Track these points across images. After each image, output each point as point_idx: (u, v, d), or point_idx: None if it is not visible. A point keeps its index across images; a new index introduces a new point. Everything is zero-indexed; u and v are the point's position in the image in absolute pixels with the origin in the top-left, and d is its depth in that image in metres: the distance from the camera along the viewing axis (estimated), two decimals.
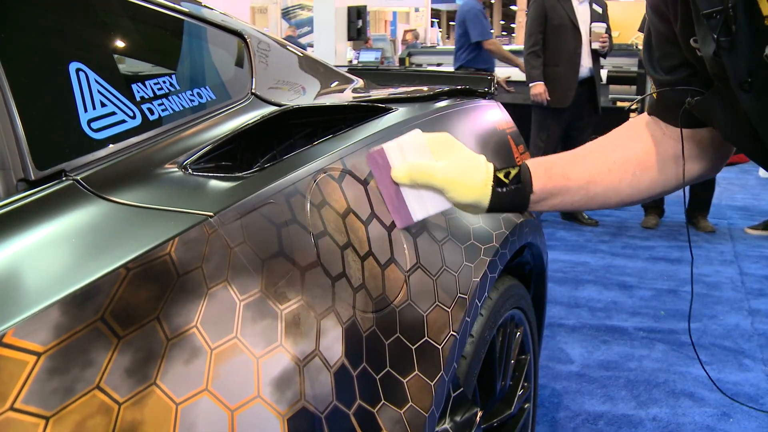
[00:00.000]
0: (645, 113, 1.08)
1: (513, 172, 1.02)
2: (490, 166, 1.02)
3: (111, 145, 0.90)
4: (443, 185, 0.99)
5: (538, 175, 1.02)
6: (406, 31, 15.49)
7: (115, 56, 1.03)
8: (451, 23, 39.88)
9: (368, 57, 10.31)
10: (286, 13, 17.98)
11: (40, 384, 0.57)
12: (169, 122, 1.03)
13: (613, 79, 6.05)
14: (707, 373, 1.55)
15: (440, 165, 0.99)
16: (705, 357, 2.90)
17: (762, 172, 6.02)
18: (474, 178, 0.99)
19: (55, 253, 0.69)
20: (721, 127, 0.93)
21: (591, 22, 4.86)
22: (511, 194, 1.01)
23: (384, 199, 1.05)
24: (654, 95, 1.03)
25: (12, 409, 0.55)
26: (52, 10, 0.94)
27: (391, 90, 1.72)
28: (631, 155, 1.04)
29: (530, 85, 4.83)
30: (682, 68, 0.96)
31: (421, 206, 1.03)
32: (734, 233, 4.97)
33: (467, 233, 1.27)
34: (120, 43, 1.06)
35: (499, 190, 1.01)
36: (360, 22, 10.32)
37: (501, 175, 1.01)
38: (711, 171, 1.07)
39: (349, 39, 10.65)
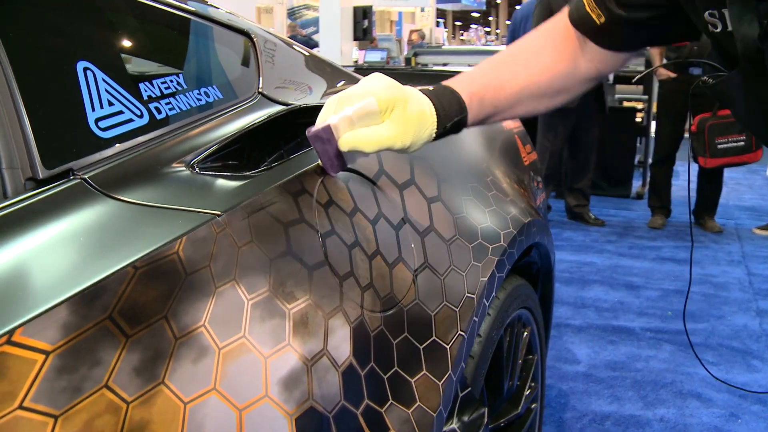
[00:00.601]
0: (563, 19, 1.08)
1: (458, 120, 1.00)
2: (435, 118, 0.97)
3: (118, 144, 0.90)
4: (392, 146, 0.95)
5: (472, 108, 1.01)
6: (411, 31, 15.48)
7: (123, 55, 1.03)
8: (456, 23, 39.88)
9: (374, 57, 10.29)
10: (292, 13, 17.99)
11: (48, 383, 0.57)
12: (176, 121, 1.03)
13: (619, 79, 6.04)
14: (707, 370, 1.53)
15: (390, 130, 0.93)
16: (712, 358, 2.89)
17: None
18: (424, 133, 0.96)
19: (63, 252, 0.69)
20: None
21: None
22: (451, 131, 1.01)
23: (323, 163, 0.99)
24: (597, 18, 1.01)
25: (21, 407, 0.55)
26: (59, 10, 0.94)
27: None
28: (552, 81, 1.07)
29: None
30: (647, 8, 0.97)
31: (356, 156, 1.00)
32: (742, 233, 4.95)
33: (475, 233, 1.27)
34: (127, 42, 1.06)
35: (442, 131, 0.99)
36: (366, 22, 10.33)
37: (449, 126, 1.00)
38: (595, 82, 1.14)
39: (355, 39, 10.65)
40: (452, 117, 0.99)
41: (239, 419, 0.71)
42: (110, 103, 0.91)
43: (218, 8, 1.34)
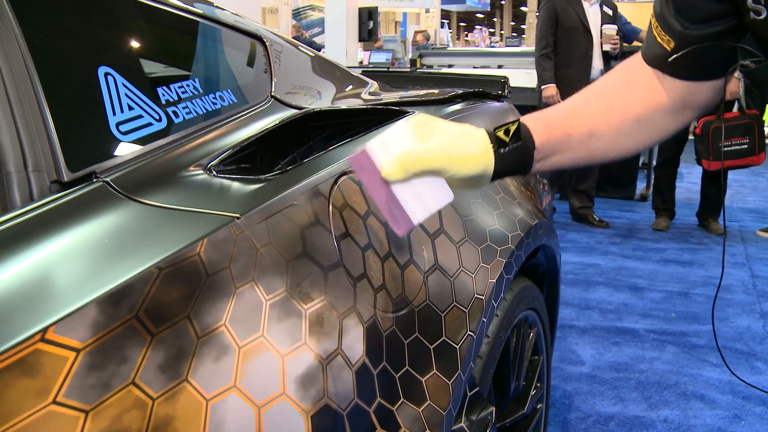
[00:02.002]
0: (638, 57, 1.03)
1: (512, 128, 0.93)
2: (482, 131, 0.93)
3: (138, 147, 0.92)
4: (442, 165, 0.88)
5: (538, 130, 0.95)
6: (416, 32, 15.50)
7: (142, 60, 1.05)
8: (461, 24, 39.87)
9: (379, 58, 10.31)
10: (297, 14, 18.03)
11: (79, 379, 0.60)
12: (193, 125, 1.05)
13: None
14: (726, 365, 1.55)
15: (431, 145, 0.88)
16: (716, 359, 2.90)
17: None
18: (473, 145, 0.90)
19: (90, 253, 0.71)
20: None
21: (602, 24, 4.87)
22: (514, 154, 0.93)
23: (378, 206, 0.92)
24: (667, 45, 0.95)
25: (54, 402, 0.57)
26: (81, 18, 0.96)
27: (406, 93, 1.74)
28: (630, 107, 0.99)
29: (542, 87, 4.85)
30: (713, 22, 0.90)
31: (420, 205, 0.91)
32: (745, 236, 4.96)
33: (484, 235, 1.29)
34: (146, 48, 1.09)
35: (502, 151, 0.92)
36: (371, 23, 10.34)
37: (501, 134, 0.92)
38: (690, 121, 1.06)
39: (360, 40, 10.67)
40: (507, 127, 0.93)
41: (258, 416, 0.74)
42: (130, 108, 0.94)
43: (234, 13, 1.37)
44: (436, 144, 0.88)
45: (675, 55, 0.94)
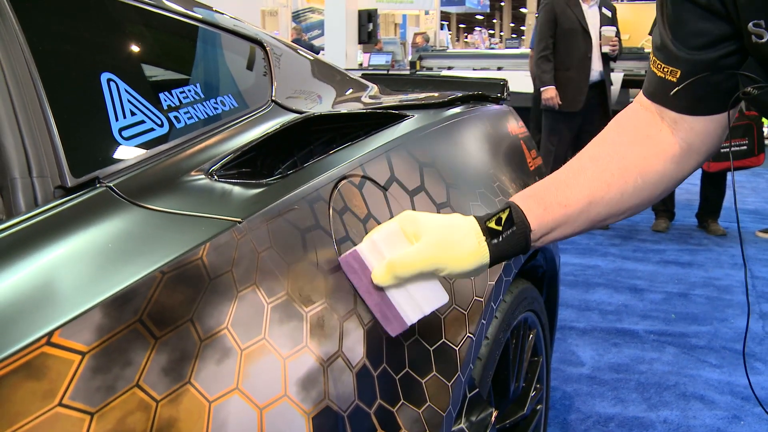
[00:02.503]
0: (632, 106, 1.00)
1: (503, 215, 0.91)
2: (472, 221, 0.91)
3: (141, 153, 0.94)
4: (435, 266, 0.89)
5: (531, 209, 0.92)
6: (416, 34, 15.52)
7: (143, 66, 1.06)
8: (461, 26, 39.90)
9: (379, 60, 10.34)
10: (297, 17, 18.06)
11: (85, 382, 0.61)
12: (194, 130, 1.06)
13: (628, 82, 6.07)
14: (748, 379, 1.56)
15: (420, 247, 0.88)
16: (716, 360, 2.91)
17: None
18: (465, 243, 0.89)
19: (94, 258, 0.72)
20: None
21: (601, 25, 4.88)
22: (510, 240, 0.91)
23: (369, 306, 0.93)
24: (672, 76, 0.92)
25: (60, 404, 0.58)
26: (84, 24, 0.97)
27: (406, 96, 1.75)
28: (630, 163, 0.95)
29: (541, 89, 4.86)
30: (716, 46, 0.88)
31: (413, 307, 0.92)
32: (745, 236, 4.98)
33: None
34: (147, 54, 1.10)
35: (496, 241, 0.90)
36: (371, 26, 10.37)
37: (492, 224, 0.91)
38: (695, 169, 1.01)
39: (360, 42, 10.70)
40: (497, 216, 0.92)
41: (260, 418, 0.75)
42: (132, 113, 0.95)
43: (226, 15, 1.38)
44: (426, 245, 0.88)
45: (682, 84, 0.91)
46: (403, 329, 0.93)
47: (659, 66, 0.93)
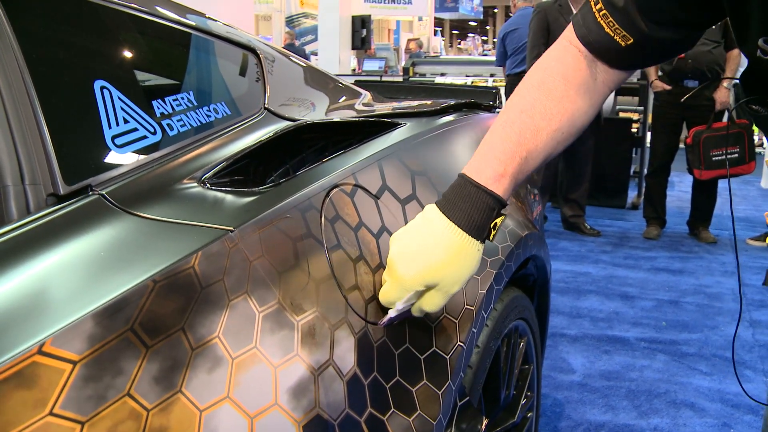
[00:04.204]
0: (564, 47, 1.01)
1: (499, 221, 0.97)
2: (473, 246, 0.94)
3: (133, 160, 0.94)
4: (412, 289, 0.94)
5: (505, 188, 0.96)
6: (409, 40, 15.58)
7: (137, 73, 1.06)
8: (454, 32, 40.01)
9: (372, 66, 10.36)
10: (290, 22, 18.07)
11: (76, 391, 0.61)
12: (187, 137, 1.06)
13: (619, 90, 6.10)
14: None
15: (388, 281, 0.95)
16: (706, 368, 2.93)
17: (764, 182, 6.04)
18: (472, 263, 0.95)
19: (86, 266, 0.73)
20: None
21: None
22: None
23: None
24: (622, 40, 0.94)
25: (51, 414, 0.59)
26: (77, 32, 0.97)
27: (399, 104, 1.76)
28: (574, 121, 1.00)
29: None
30: (680, 28, 0.93)
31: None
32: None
33: None
34: (141, 61, 1.10)
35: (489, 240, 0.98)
36: (364, 31, 10.39)
37: (492, 235, 0.97)
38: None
39: (353, 48, 10.72)
40: (490, 220, 0.95)
41: (250, 426, 0.75)
42: (126, 121, 0.95)
43: (219, 22, 1.38)
44: (446, 288, 0.94)
45: (629, 51, 0.95)
46: (389, 322, 0.99)
47: (611, 24, 0.94)
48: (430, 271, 0.92)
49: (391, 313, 0.96)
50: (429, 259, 0.92)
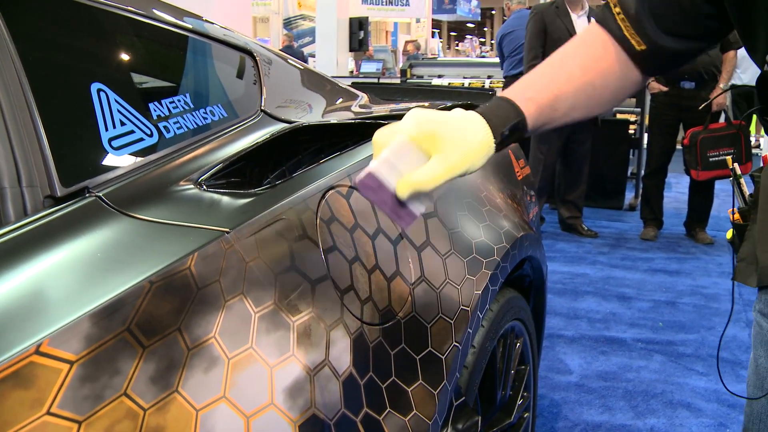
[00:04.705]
0: (594, 34, 1.02)
1: (515, 123, 0.94)
2: (487, 133, 0.91)
3: (130, 162, 0.94)
4: (454, 176, 0.90)
5: (530, 112, 0.95)
6: (407, 42, 15.59)
7: (133, 76, 1.07)
8: (452, 33, 40.04)
9: (369, 68, 10.38)
10: (288, 23, 18.08)
11: (73, 390, 0.61)
12: (183, 139, 1.07)
13: None
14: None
15: (440, 163, 0.88)
16: (702, 368, 2.93)
17: None
18: (480, 157, 0.91)
19: (83, 268, 0.73)
20: None
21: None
22: (511, 138, 0.95)
23: (386, 212, 0.92)
24: (637, 44, 0.97)
25: (48, 413, 0.59)
26: (74, 35, 0.98)
27: (395, 106, 1.77)
28: (607, 79, 1.01)
29: None
30: (691, 40, 0.96)
31: (421, 201, 0.92)
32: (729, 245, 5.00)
33: (469, 247, 1.31)
34: (137, 64, 1.11)
35: (502, 139, 0.94)
36: (362, 33, 10.40)
37: (506, 132, 0.94)
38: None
39: (351, 50, 10.73)
40: (509, 121, 0.93)
41: (247, 426, 0.76)
42: (122, 123, 0.96)
43: (216, 25, 1.39)
44: (445, 161, 0.89)
45: (644, 56, 0.98)
46: (414, 220, 0.92)
47: (627, 28, 0.97)
48: (474, 157, 0.90)
49: (372, 168, 0.87)
50: (452, 118, 0.90)
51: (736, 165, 1.18)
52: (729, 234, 1.16)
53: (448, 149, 0.89)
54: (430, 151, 0.89)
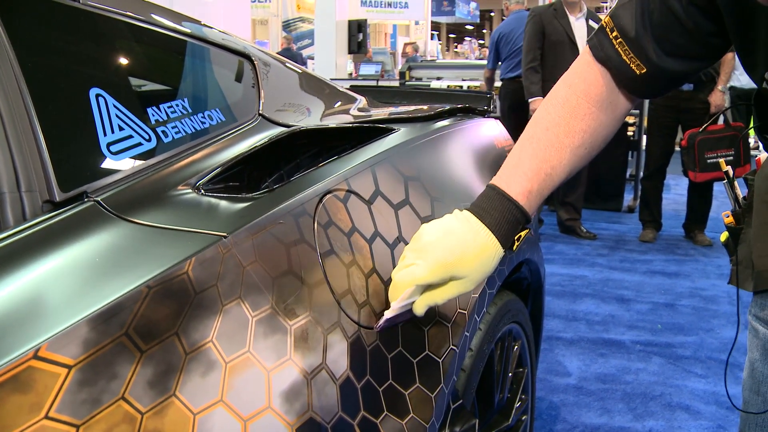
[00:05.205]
0: (586, 64, 1.03)
1: (523, 234, 1.00)
2: (496, 249, 0.96)
3: (128, 167, 0.95)
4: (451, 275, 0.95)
5: (531, 203, 0.99)
6: (406, 44, 15.61)
7: (132, 81, 1.08)
8: (451, 36, 40.06)
9: (368, 70, 10.39)
10: (287, 26, 18.09)
11: (71, 395, 0.62)
12: (181, 144, 1.08)
13: None
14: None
15: (463, 286, 0.96)
16: (701, 370, 2.94)
17: None
18: (491, 265, 0.97)
19: (82, 272, 0.74)
20: None
21: (588, 37, 4.91)
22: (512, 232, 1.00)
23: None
24: (637, 69, 0.97)
25: (47, 417, 0.60)
26: (73, 40, 0.99)
27: (393, 109, 1.77)
28: (596, 136, 1.03)
29: (530, 100, 4.89)
30: (693, 61, 0.97)
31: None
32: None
33: None
34: (136, 69, 1.11)
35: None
36: (360, 36, 10.41)
37: (516, 245, 0.99)
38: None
39: (350, 52, 10.74)
40: (517, 227, 0.98)
41: (244, 429, 0.76)
42: (121, 128, 0.96)
43: (215, 29, 1.39)
44: (468, 285, 0.96)
45: (643, 80, 0.98)
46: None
47: (627, 52, 0.97)
48: (465, 261, 0.94)
49: (388, 314, 0.95)
50: (466, 250, 0.94)
51: (729, 167, 1.18)
52: (723, 237, 1.17)
53: (468, 278, 0.95)
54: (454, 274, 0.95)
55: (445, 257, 0.93)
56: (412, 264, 0.93)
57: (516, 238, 0.99)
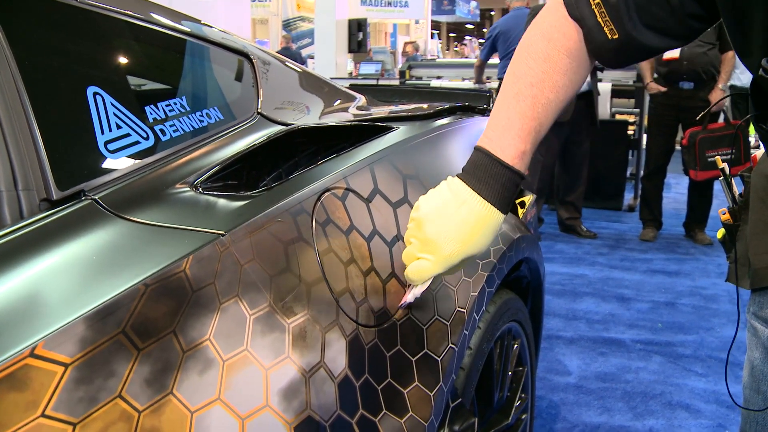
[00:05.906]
0: (562, 20, 1.00)
1: (527, 200, 1.00)
2: (498, 217, 0.97)
3: (126, 165, 0.95)
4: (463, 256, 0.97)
5: (524, 163, 0.99)
6: (406, 43, 15.59)
7: (130, 79, 1.07)
8: (451, 35, 40.04)
9: (368, 69, 10.38)
10: (287, 25, 18.08)
11: (68, 393, 0.62)
12: (179, 142, 1.07)
13: (615, 93, 6.13)
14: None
15: (468, 259, 0.98)
16: (701, 369, 2.94)
17: None
18: (495, 234, 0.99)
19: (79, 271, 0.74)
20: None
21: None
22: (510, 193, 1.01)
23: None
24: (609, 33, 0.95)
25: (43, 415, 0.60)
26: (70, 38, 0.98)
27: (393, 108, 1.77)
28: (576, 89, 1.03)
29: None
30: (668, 38, 0.95)
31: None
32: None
33: None
34: (134, 67, 1.11)
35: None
36: (360, 35, 10.41)
37: (522, 212, 0.99)
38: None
39: (350, 51, 10.73)
40: (513, 195, 0.99)
41: (242, 428, 0.76)
42: (118, 126, 0.96)
43: (214, 28, 1.39)
44: (472, 249, 0.97)
45: (612, 46, 0.96)
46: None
47: (603, 14, 0.95)
48: (472, 246, 0.96)
49: (417, 292, 1.00)
50: (473, 235, 0.95)
51: (725, 165, 1.18)
52: (720, 234, 1.17)
53: (477, 252, 0.98)
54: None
55: (454, 249, 0.95)
56: (422, 258, 0.96)
57: (519, 203, 0.99)
